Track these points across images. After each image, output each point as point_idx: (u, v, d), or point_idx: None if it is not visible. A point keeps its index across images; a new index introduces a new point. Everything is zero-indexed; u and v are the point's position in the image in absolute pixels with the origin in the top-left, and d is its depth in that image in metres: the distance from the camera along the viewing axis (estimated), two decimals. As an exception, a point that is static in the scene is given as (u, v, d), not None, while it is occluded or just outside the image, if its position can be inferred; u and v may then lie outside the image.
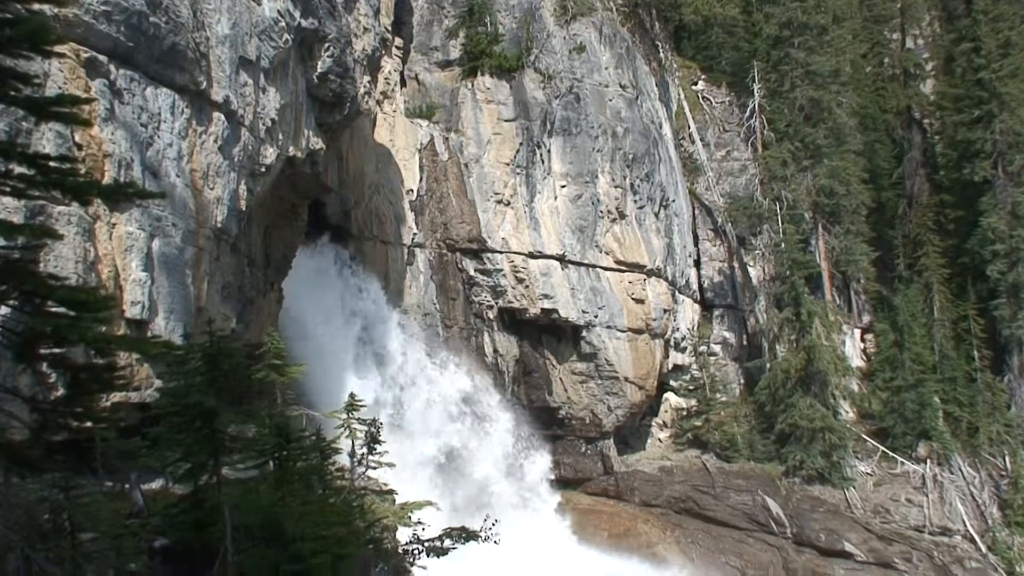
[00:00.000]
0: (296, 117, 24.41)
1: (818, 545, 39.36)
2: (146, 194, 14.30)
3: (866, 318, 49.86)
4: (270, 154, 22.68)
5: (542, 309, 39.54)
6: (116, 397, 15.71)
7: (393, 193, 37.84)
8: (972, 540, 40.57)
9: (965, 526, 40.93)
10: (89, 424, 12.47)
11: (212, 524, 12.61)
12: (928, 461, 42.64)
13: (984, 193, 46.68)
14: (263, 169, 22.51)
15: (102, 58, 17.26)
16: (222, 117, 20.64)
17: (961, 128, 47.65)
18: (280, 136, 23.24)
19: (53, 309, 10.49)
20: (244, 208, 21.72)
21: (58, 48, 14.32)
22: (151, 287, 17.91)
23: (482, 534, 17.93)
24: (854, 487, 41.75)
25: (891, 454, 43.22)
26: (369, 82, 30.34)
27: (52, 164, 10.69)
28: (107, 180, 16.57)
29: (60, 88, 15.82)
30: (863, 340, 49.39)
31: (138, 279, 17.64)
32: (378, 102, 36.69)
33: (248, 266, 24.03)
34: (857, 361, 48.09)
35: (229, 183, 20.86)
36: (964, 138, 47.46)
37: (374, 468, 20.03)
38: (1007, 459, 43.52)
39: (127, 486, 15.08)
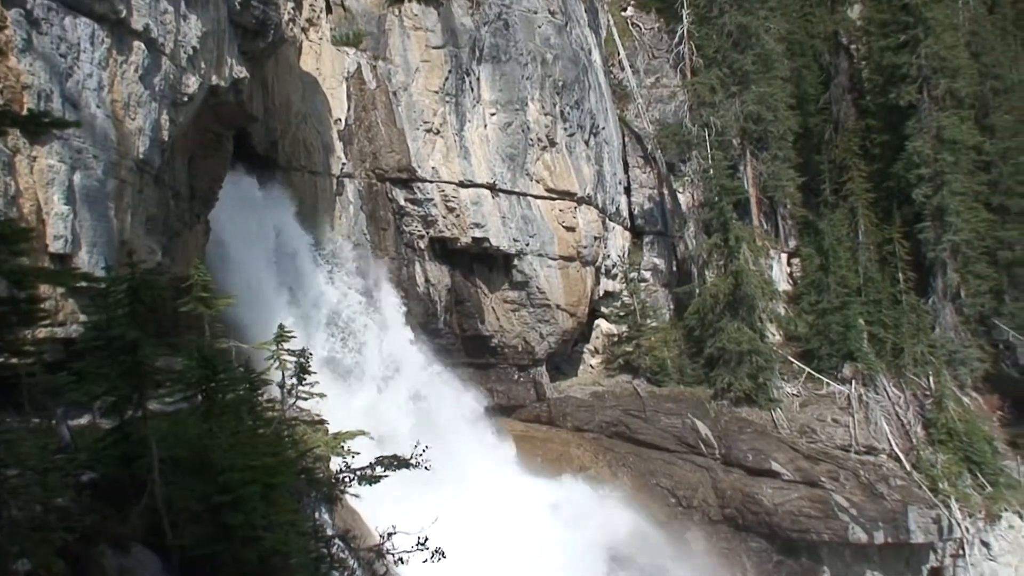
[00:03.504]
0: (218, 45, 23.93)
1: (746, 465, 40.23)
2: (61, 123, 14.07)
3: (792, 242, 50.57)
4: (192, 83, 22.24)
5: (473, 238, 39.52)
6: (41, 332, 15.53)
7: (320, 122, 37.32)
8: (897, 458, 41.63)
9: (890, 445, 41.95)
10: (13, 360, 12.38)
11: (140, 457, 12.59)
12: (853, 382, 43.56)
13: (909, 117, 47.29)
14: (185, 99, 22.08)
15: (18, -14, 16.80)
16: (142, 46, 20.16)
17: (887, 53, 48.07)
18: (202, 65, 22.79)
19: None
20: (167, 139, 21.34)
21: (-31, -24, 13.99)
22: (74, 221, 17.61)
23: (413, 460, 18.11)
24: (781, 408, 42.63)
25: (817, 375, 44.15)
26: (293, 8, 29.88)
27: (-36, 95, 10.47)
28: (25, 112, 16.21)
29: (-27, 18, 15.39)
30: (789, 264, 50.14)
31: (60, 213, 17.33)
32: (303, 29, 36.06)
33: (173, 198, 23.69)
34: (784, 285, 48.87)
35: (151, 113, 20.47)
36: (890, 63, 47.92)
37: (304, 399, 20.09)
38: (931, 379, 44.56)
39: (54, 422, 14.96)
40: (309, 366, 19.69)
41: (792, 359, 45.06)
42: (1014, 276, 49.27)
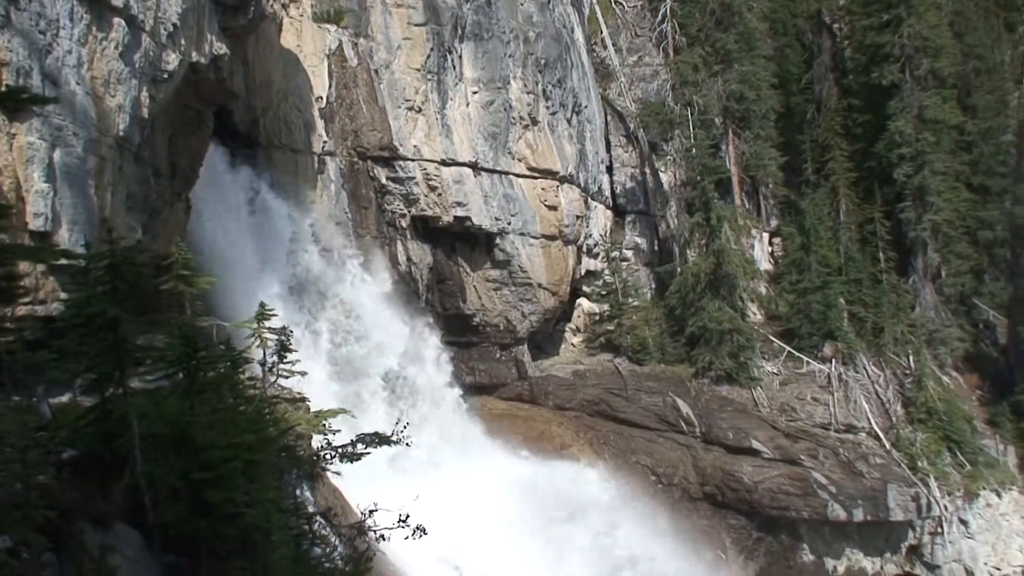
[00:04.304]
0: (199, 22, 23.78)
1: (726, 443, 40.35)
2: (40, 100, 14.00)
3: (774, 222, 50.70)
4: (172, 60, 22.12)
5: (455, 217, 39.41)
6: (21, 310, 15.50)
7: (302, 100, 37.14)
8: (877, 437, 41.88)
9: (870, 423, 42.21)
10: (-7, 338, 12.36)
11: (121, 435, 12.56)
12: (833, 361, 43.73)
13: (892, 97, 47.34)
14: (165, 76, 21.98)
15: (-5, -38, 16.66)
16: (122, 23, 20.05)
17: (870, 32, 48.09)
18: (182, 41, 22.66)
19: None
20: (147, 116, 21.25)
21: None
22: (53, 198, 17.56)
23: (394, 437, 18.12)
24: (761, 387, 42.78)
25: (797, 354, 44.27)
26: (274, -15, 29.67)
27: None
28: (4, 89, 16.11)
29: (-51, -6, 15.27)
30: (771, 243, 50.27)
31: (40, 190, 17.29)
32: (284, 6, 35.89)
33: (153, 176, 23.59)
34: (765, 264, 49.01)
35: (131, 90, 20.36)
36: (873, 42, 47.92)
37: (285, 377, 20.08)
38: (911, 358, 44.80)
39: (34, 399, 14.91)
40: (290, 344, 19.65)
41: (773, 338, 45.18)
42: (994, 256, 49.57)
